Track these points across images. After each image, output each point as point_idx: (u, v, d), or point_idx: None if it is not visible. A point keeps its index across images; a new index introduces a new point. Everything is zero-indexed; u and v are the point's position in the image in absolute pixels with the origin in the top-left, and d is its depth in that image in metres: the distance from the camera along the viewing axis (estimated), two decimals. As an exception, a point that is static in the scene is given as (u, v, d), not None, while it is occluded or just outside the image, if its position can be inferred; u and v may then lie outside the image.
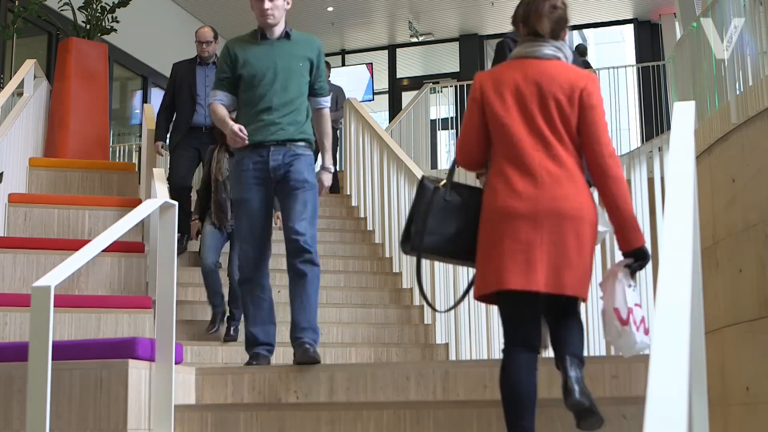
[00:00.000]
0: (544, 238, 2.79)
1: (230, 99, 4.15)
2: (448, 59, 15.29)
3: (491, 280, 2.84)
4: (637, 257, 2.87)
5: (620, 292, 2.82)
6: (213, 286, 5.40)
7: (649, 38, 14.30)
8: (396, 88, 15.54)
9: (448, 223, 2.99)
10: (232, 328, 5.28)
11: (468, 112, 3.02)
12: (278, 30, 4.10)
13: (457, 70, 14.99)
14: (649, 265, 3.86)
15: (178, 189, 6.07)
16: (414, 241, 2.99)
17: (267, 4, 4.00)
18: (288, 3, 4.10)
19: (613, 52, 18.72)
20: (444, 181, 3.02)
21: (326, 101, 4.26)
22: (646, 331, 2.83)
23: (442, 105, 13.51)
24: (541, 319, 2.91)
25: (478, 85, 3.00)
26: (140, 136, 8.84)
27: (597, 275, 5.67)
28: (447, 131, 14.32)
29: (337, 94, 8.90)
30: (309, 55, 4.11)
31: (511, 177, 2.86)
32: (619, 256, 2.94)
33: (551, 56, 2.97)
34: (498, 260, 2.82)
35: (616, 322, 2.80)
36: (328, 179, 4.25)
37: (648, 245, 2.95)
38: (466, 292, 3.15)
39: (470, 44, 14.93)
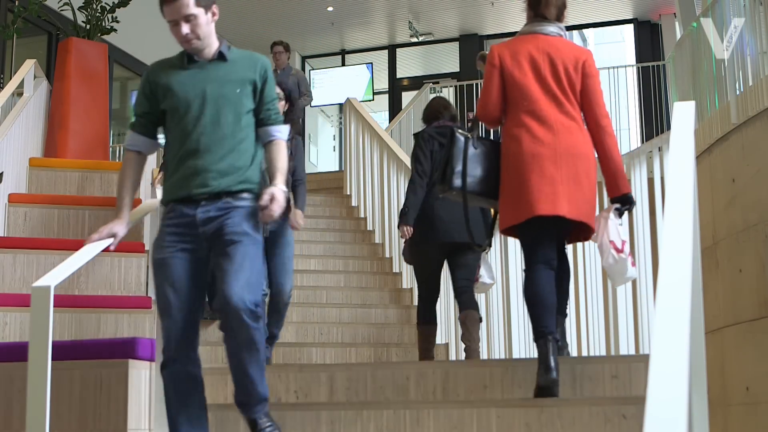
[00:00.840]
0: (563, 174, 3.37)
1: (148, 144, 3.32)
2: (448, 59, 15.28)
3: (524, 210, 3.37)
4: (623, 202, 3.51)
5: (613, 227, 3.46)
6: None
7: (649, 38, 14.29)
8: (396, 88, 15.54)
9: (477, 167, 3.55)
10: (269, 349, 4.74)
11: (487, 77, 3.58)
12: (209, 50, 3.22)
13: (457, 70, 14.98)
14: (650, 265, 4.12)
15: None
16: (453, 182, 3.53)
17: (185, 29, 3.12)
18: (214, 15, 3.21)
19: (613, 52, 18.72)
20: (471, 134, 3.59)
21: (279, 131, 3.26)
22: (633, 264, 3.48)
23: (442, 105, 13.50)
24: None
25: (497, 54, 3.58)
26: (140, 136, 8.82)
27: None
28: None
29: (299, 79, 8.75)
30: (250, 76, 3.21)
31: (533, 127, 3.43)
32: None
33: (556, 33, 3.64)
34: (528, 194, 3.36)
35: (612, 251, 3.42)
36: (280, 194, 3.12)
37: (648, 245, 3.19)
38: (492, 227, 3.83)
39: (470, 44, 14.92)
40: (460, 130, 3.62)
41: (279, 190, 3.11)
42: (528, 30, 3.64)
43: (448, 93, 13.50)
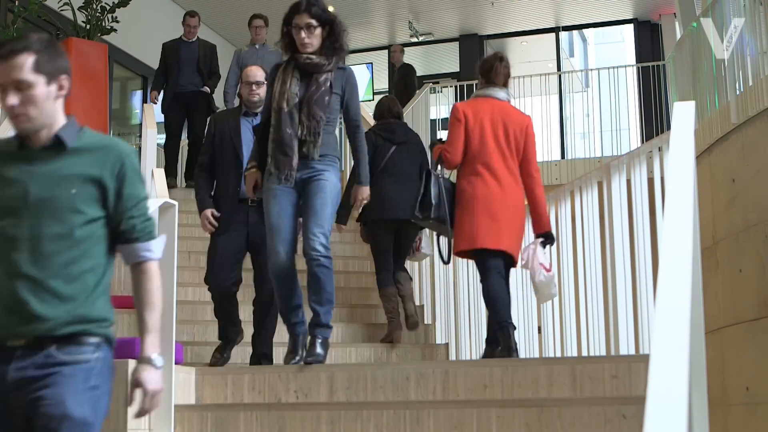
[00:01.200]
0: (505, 218, 4.29)
1: None
2: (448, 59, 15.28)
3: (474, 242, 4.31)
4: (545, 236, 4.47)
5: (541, 253, 4.42)
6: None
7: (649, 38, 14.29)
8: (396, 88, 15.53)
9: (436, 198, 4.42)
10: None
11: (453, 129, 4.46)
12: (46, 134, 2.27)
13: (457, 70, 14.98)
14: (650, 265, 4.19)
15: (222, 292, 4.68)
16: (432, 212, 4.39)
17: (11, 99, 2.20)
18: (61, 89, 2.29)
19: (613, 52, 18.73)
20: (437, 173, 4.48)
21: (149, 250, 2.37)
22: (554, 285, 4.50)
23: (442, 105, 13.51)
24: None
25: (462, 111, 4.45)
26: (140, 136, 8.84)
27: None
28: (447, 131, 14.32)
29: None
30: (97, 173, 2.27)
31: (486, 176, 4.36)
32: None
33: (505, 98, 4.56)
34: (477, 229, 4.30)
35: (543, 271, 4.39)
36: (151, 380, 2.31)
37: (648, 245, 3.24)
38: (449, 251, 4.54)
39: (470, 44, 14.92)
40: (435, 172, 4.48)
41: (149, 372, 2.29)
42: (483, 93, 4.56)
43: (448, 93, 13.50)
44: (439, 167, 4.49)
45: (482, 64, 4.61)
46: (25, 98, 2.21)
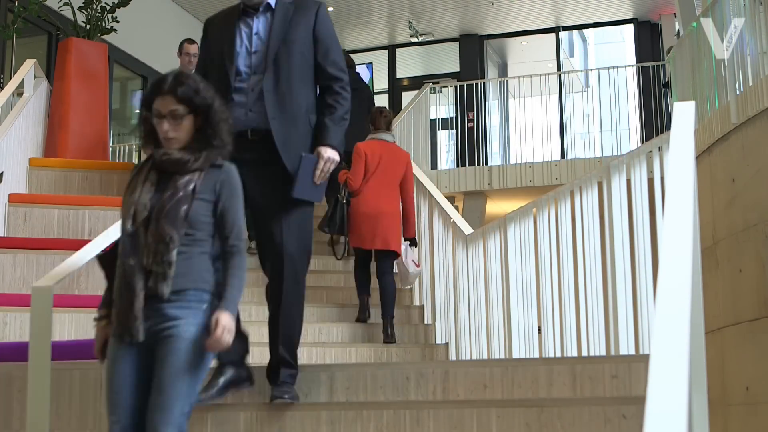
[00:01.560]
0: (380, 226, 5.79)
1: None
2: (448, 59, 15.28)
3: (360, 242, 5.84)
4: (411, 241, 5.98)
5: (410, 252, 5.95)
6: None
7: (649, 38, 14.29)
8: (396, 88, 15.54)
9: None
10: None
11: (356, 163, 5.86)
12: None
13: (457, 70, 14.99)
14: (650, 265, 4.16)
15: None
16: (338, 228, 5.94)
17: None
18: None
19: (613, 52, 18.73)
20: (342, 197, 5.95)
21: None
22: (417, 276, 6.17)
23: (442, 105, 13.51)
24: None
25: (363, 150, 5.86)
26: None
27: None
28: (447, 131, 14.32)
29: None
30: None
31: (371, 197, 5.85)
32: None
33: (391, 140, 6.08)
34: (365, 233, 5.80)
35: (414, 267, 5.97)
36: None
37: (648, 245, 3.22)
38: (345, 247, 6.44)
39: (470, 44, 14.92)
40: (340, 195, 5.91)
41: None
42: (375, 137, 6.01)
43: (448, 93, 13.51)
44: (343, 190, 5.91)
45: (370, 117, 6.11)
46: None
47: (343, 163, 4.30)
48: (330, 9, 13.59)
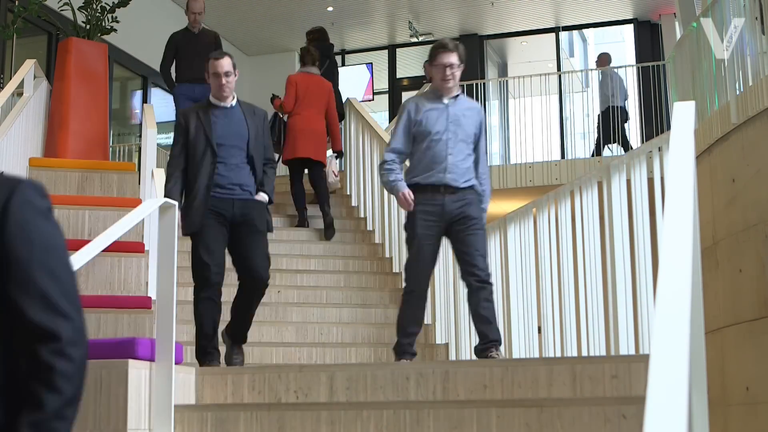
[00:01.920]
0: (311, 139, 7.51)
1: None
2: (448, 59, 15.26)
3: (293, 152, 7.48)
4: (338, 153, 8.03)
5: (334, 164, 8.07)
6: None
7: (649, 38, 14.29)
8: (396, 88, 15.53)
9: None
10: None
11: (289, 91, 7.55)
12: None
13: (457, 70, 14.96)
14: (650, 265, 4.16)
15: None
16: (277, 137, 7.69)
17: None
18: None
19: (613, 52, 18.70)
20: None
21: None
22: (338, 183, 8.32)
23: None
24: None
25: (294, 81, 7.56)
26: (140, 136, 8.84)
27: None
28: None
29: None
30: None
31: (304, 118, 7.50)
32: None
33: (316, 73, 7.67)
34: (296, 145, 7.47)
35: (332, 177, 7.96)
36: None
37: (648, 245, 3.18)
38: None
39: (470, 44, 14.90)
40: (281, 115, 7.70)
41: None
42: (304, 70, 7.67)
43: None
44: (279, 114, 7.65)
45: (300, 56, 7.79)
46: None
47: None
48: (330, 9, 13.60)
